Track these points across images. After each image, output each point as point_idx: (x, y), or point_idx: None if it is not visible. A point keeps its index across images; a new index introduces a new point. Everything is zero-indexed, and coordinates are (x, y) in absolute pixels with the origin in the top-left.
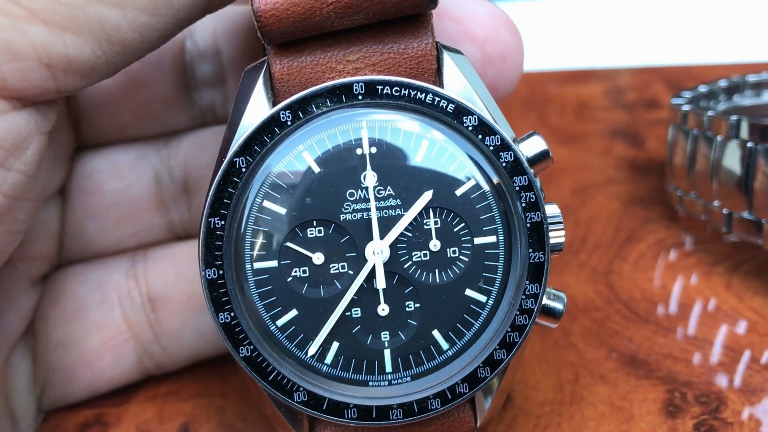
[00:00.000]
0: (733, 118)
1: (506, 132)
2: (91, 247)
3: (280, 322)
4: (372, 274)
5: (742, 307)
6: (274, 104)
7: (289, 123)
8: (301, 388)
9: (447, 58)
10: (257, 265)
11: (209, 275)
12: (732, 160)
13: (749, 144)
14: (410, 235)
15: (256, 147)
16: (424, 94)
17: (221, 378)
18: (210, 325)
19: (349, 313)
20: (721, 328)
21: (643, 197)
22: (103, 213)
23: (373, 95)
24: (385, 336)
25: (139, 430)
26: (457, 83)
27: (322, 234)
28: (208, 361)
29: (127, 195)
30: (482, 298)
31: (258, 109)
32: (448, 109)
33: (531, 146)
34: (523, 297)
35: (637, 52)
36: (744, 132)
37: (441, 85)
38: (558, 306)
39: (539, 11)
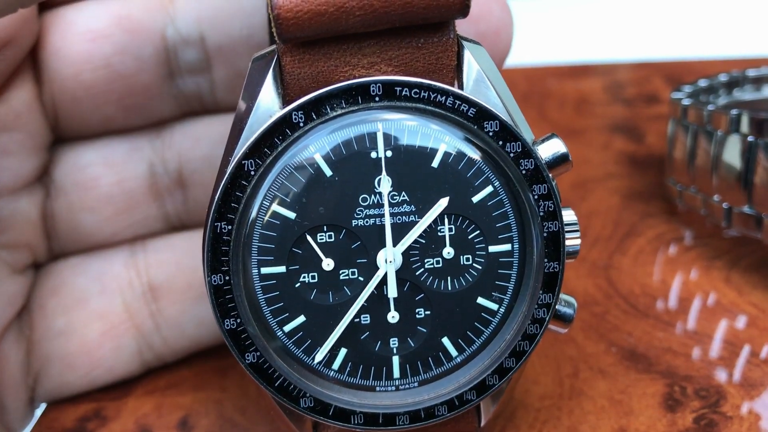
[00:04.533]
0: (734, 112)
1: (527, 135)
2: (88, 240)
3: (287, 328)
4: (383, 281)
5: (742, 302)
6: (283, 98)
7: (301, 124)
8: (308, 395)
9: (468, 53)
10: (264, 270)
11: (215, 281)
12: (732, 154)
13: (749, 138)
14: (423, 242)
15: (266, 149)
16: (444, 97)
17: (220, 372)
18: (210, 314)
19: (358, 320)
20: (721, 322)
21: (642, 192)
22: (99, 206)
23: (391, 97)
24: (394, 342)
25: (138, 423)
26: (477, 80)
27: (332, 239)
28: (207, 355)
29: (123, 188)
30: (494, 307)
31: (267, 104)
32: (468, 113)
33: (550, 149)
34: (536, 306)
35: (636, 46)
36: (744, 126)
37: (460, 80)
38: (569, 311)
39: (538, 6)
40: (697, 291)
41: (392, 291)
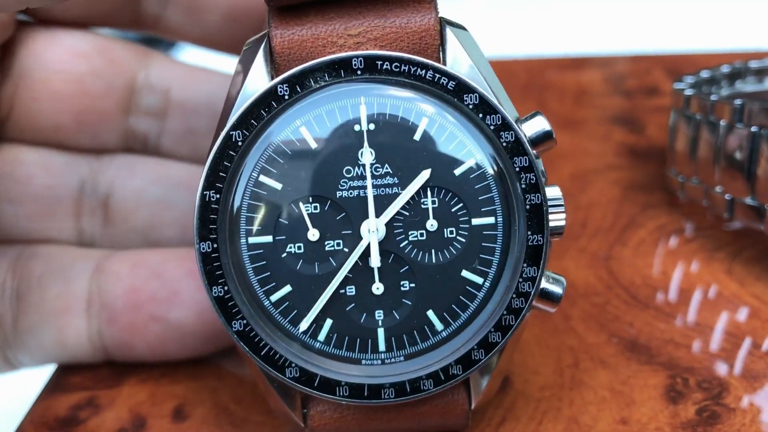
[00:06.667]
0: (737, 102)
1: (509, 111)
2: (1, 230)
3: (273, 297)
4: (367, 252)
5: (744, 293)
6: (273, 78)
7: (286, 97)
8: (293, 364)
9: (450, 33)
10: (252, 239)
11: (203, 248)
12: (735, 145)
13: (753, 129)
14: (407, 214)
15: (252, 120)
16: (424, 71)
17: (215, 360)
18: (72, 333)
19: (343, 291)
20: (723, 314)
21: (643, 183)
22: (22, 201)
23: (373, 71)
24: (379, 315)
25: (132, 412)
26: (460, 59)
27: (317, 210)
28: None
29: (51, 192)
30: (479, 280)
31: (257, 82)
32: (448, 86)
33: (533, 126)
34: (520, 280)
35: (637, 38)
36: (748, 117)
37: (444, 61)
38: (557, 290)
39: None
40: (699, 282)
41: (375, 261)
